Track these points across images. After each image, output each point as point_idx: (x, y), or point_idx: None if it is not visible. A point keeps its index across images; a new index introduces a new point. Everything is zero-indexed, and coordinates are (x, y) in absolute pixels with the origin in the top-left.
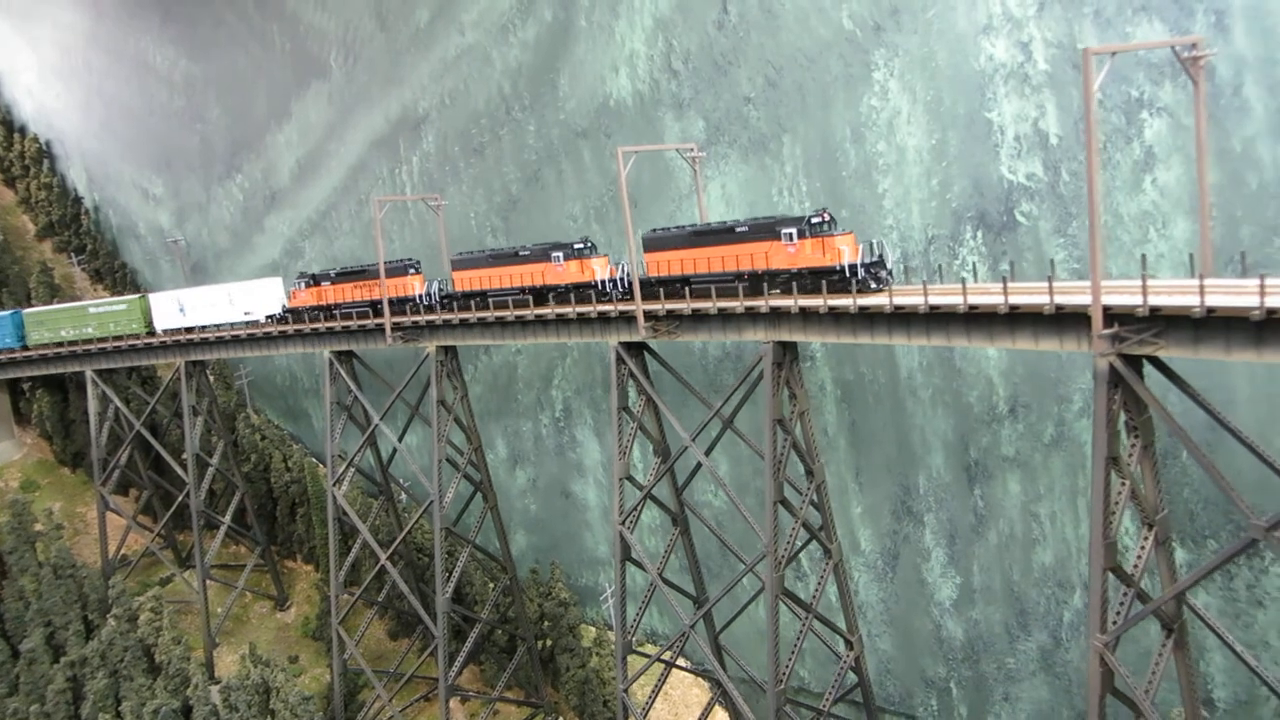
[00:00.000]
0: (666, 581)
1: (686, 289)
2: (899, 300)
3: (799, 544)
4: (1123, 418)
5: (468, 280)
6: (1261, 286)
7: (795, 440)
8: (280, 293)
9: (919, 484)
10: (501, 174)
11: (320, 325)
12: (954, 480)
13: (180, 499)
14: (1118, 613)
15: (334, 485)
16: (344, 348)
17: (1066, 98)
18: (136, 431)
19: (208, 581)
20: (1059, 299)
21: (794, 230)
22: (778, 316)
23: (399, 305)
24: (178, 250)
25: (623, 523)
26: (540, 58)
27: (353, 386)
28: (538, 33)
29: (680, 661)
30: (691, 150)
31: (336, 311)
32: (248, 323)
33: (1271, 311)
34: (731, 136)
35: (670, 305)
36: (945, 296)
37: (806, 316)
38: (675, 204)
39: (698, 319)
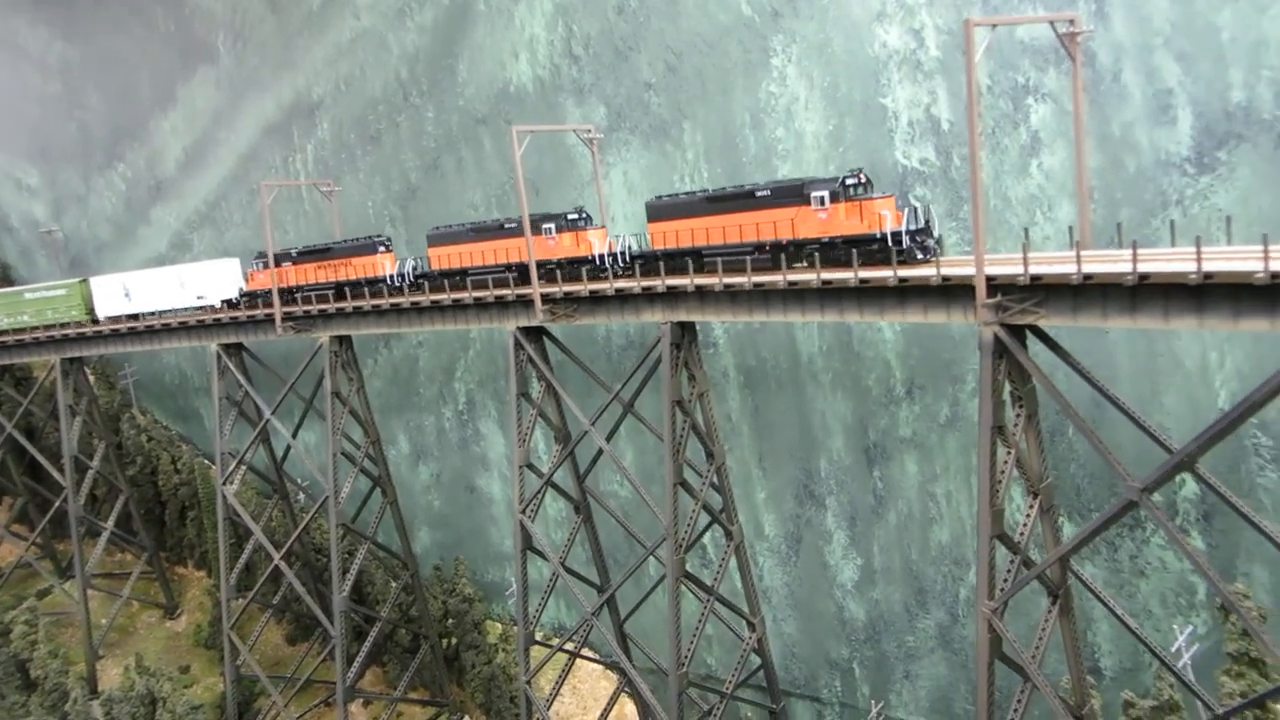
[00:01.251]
0: (570, 571)
1: (689, 262)
2: (792, 277)
3: (700, 527)
4: (1008, 388)
5: (445, 257)
6: (1134, 254)
7: (695, 422)
8: (238, 275)
9: (820, 467)
10: (400, 162)
11: (206, 317)
12: (854, 463)
13: (58, 505)
14: (1005, 580)
15: (224, 484)
16: (232, 340)
17: (957, 84)
18: (8, 434)
19: (90, 591)
20: (945, 271)
21: (825, 193)
22: (675, 297)
23: (370, 287)
24: (53, 242)
25: (523, 511)
26: (438, 42)
27: (242, 381)
28: (435, 17)
29: (587, 653)
30: (589, 132)
31: (299, 295)
32: (196, 308)
33: (1144, 276)
34: (633, 123)
35: (568, 288)
36: (838, 272)
37: (703, 296)
38: (577, 190)
39: (596, 301)
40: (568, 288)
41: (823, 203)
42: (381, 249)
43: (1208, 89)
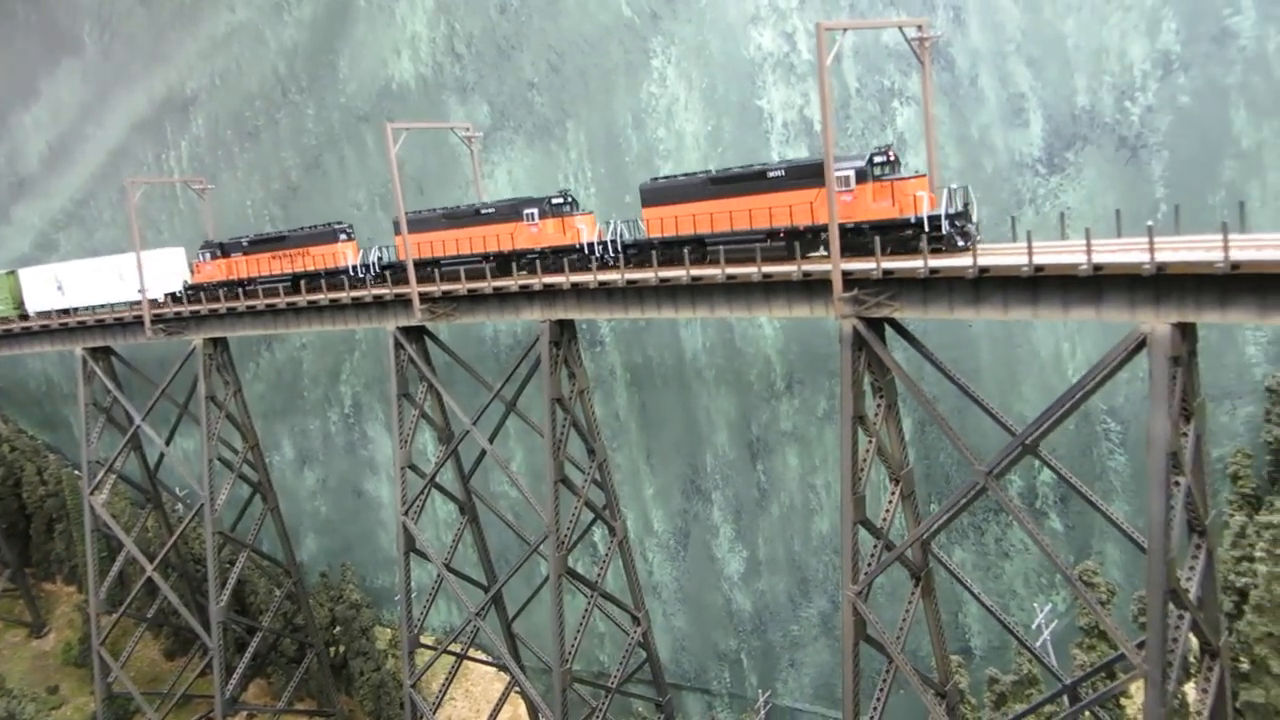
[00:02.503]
0: (456, 572)
1: (683, 252)
2: (663, 274)
3: (583, 524)
4: (869, 380)
5: (414, 246)
6: (974, 250)
7: (576, 420)
8: (183, 266)
9: (706, 462)
10: (280, 159)
11: (70, 320)
12: (738, 457)
13: None
14: (869, 564)
15: (92, 494)
16: (99, 344)
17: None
18: None
19: None
20: (806, 267)
21: (850, 173)
22: (553, 295)
23: (330, 279)
24: None
25: (406, 513)
26: (318, 38)
27: (111, 386)
28: (314, 11)
29: (476, 654)
30: (467, 130)
31: (250, 288)
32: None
33: (984, 270)
34: (516, 121)
35: (446, 286)
36: (707, 269)
37: (580, 294)
38: (462, 189)
39: (475, 300)
40: (446, 286)
41: (847, 184)
42: (343, 237)
43: (1056, 94)
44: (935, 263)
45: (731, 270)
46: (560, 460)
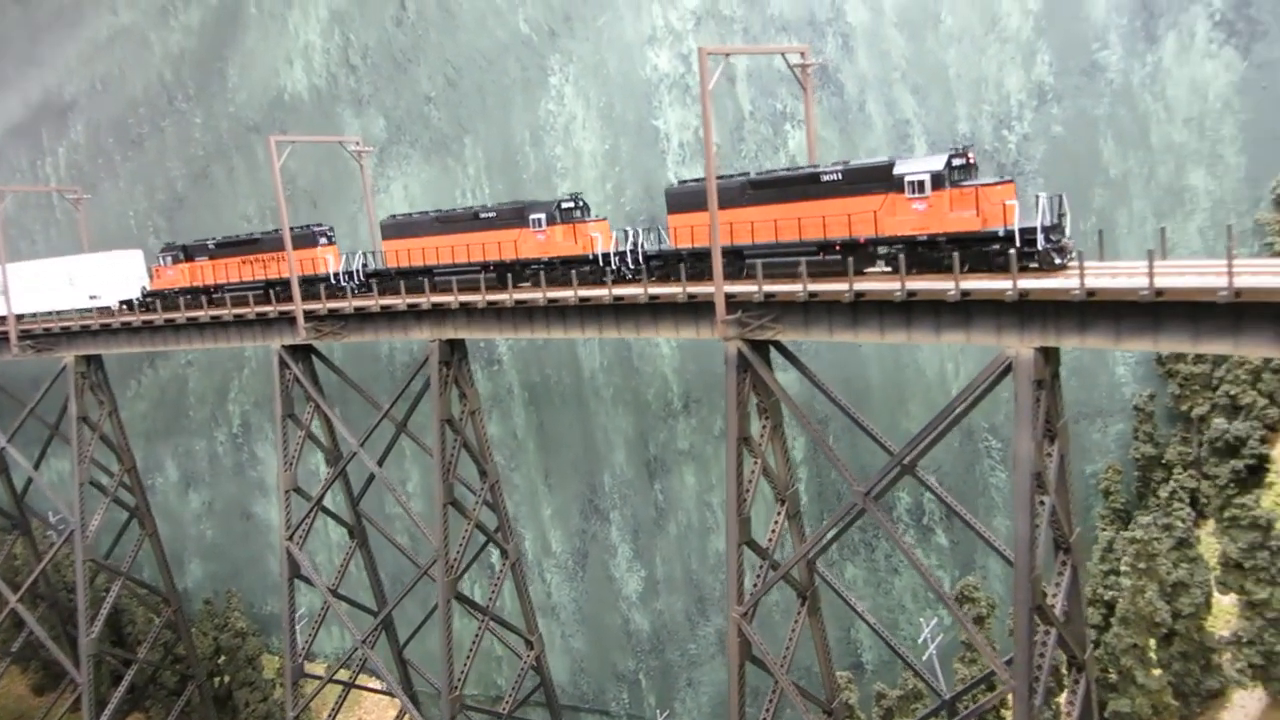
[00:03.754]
0: (343, 598)
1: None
2: (551, 295)
3: (475, 546)
4: (755, 401)
5: (405, 252)
6: (850, 275)
7: (467, 440)
8: (140, 270)
9: (604, 482)
10: (165, 169)
11: None
12: (636, 476)
13: None
14: (755, 584)
15: None
16: None
17: (722, 108)
18: None
19: None
20: (690, 289)
21: (925, 177)
22: (442, 314)
23: (308, 287)
24: None
25: (290, 537)
26: (206, 44)
27: None
28: (202, 17)
29: (369, 682)
30: (356, 144)
31: (217, 296)
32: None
33: (860, 294)
34: (413, 136)
35: (332, 304)
36: (593, 290)
37: (470, 313)
38: (357, 204)
39: (364, 318)
40: (332, 304)
41: (921, 189)
42: (323, 240)
43: (939, 120)
44: (814, 287)
45: (619, 291)
46: (449, 482)
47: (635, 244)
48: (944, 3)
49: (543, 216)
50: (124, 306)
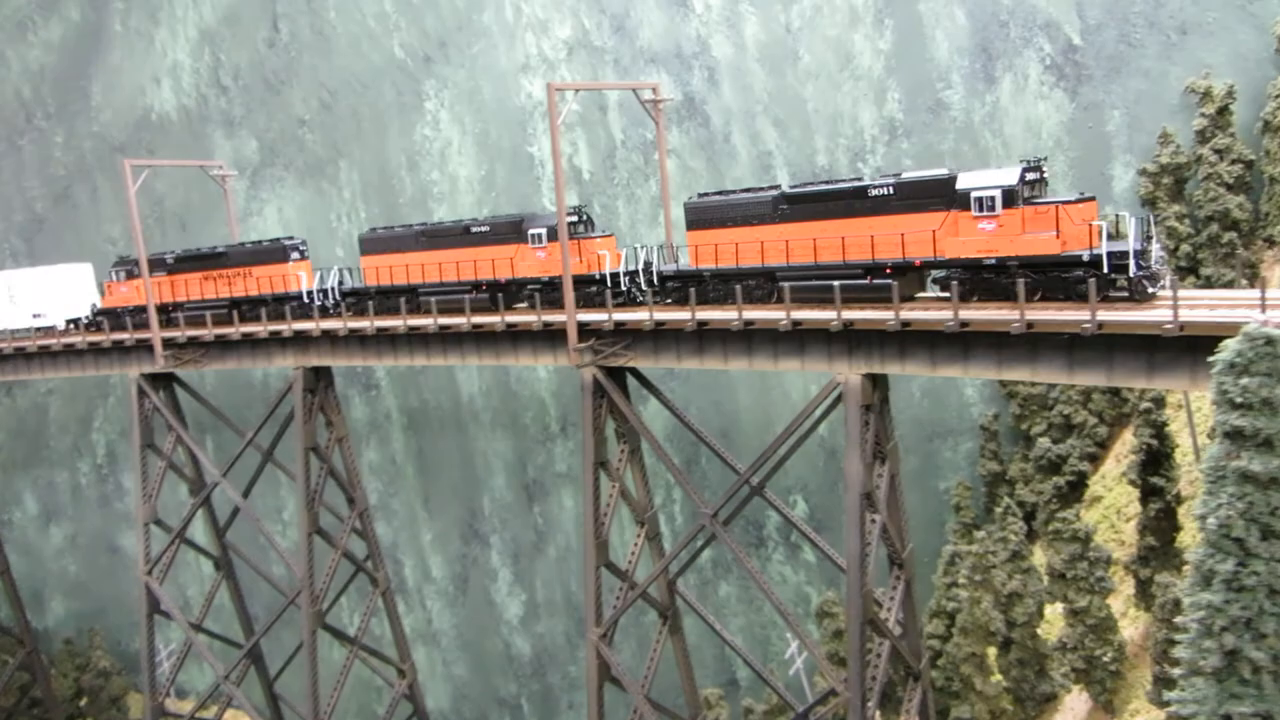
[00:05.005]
0: (207, 632)
1: (739, 288)
2: (411, 322)
3: (344, 575)
4: (614, 425)
5: (386, 270)
6: (692, 304)
7: (334, 468)
8: (91, 286)
9: (484, 506)
10: (22, 189)
11: None
12: (515, 499)
13: None
14: (614, 606)
15: None
16: None
17: (595, 137)
18: None
19: None
20: (545, 317)
21: (994, 194)
22: (305, 341)
23: (278, 305)
24: None
25: (149, 572)
26: (68, 61)
27: None
28: (64, 34)
29: (241, 718)
30: (220, 168)
31: (175, 315)
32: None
33: (703, 324)
34: (287, 158)
35: (192, 332)
36: (454, 318)
37: (334, 340)
38: (232, 226)
39: (225, 346)
40: (191, 332)
41: (990, 206)
42: (295, 256)
43: (799, 152)
44: (660, 315)
45: (478, 320)
46: (314, 511)
47: (646, 262)
48: (802, 40)
49: (544, 231)
50: (72, 326)
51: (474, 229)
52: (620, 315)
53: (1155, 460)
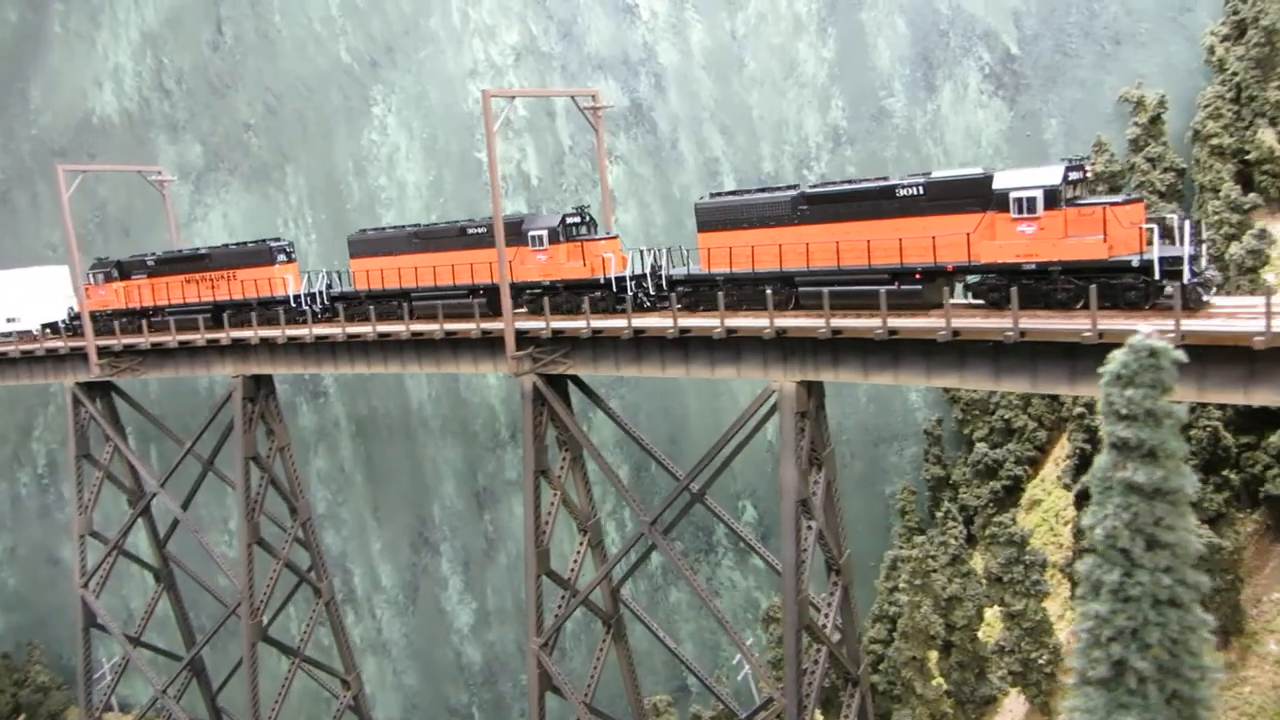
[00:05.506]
0: (147, 645)
1: (762, 293)
2: (351, 330)
3: (290, 585)
4: (555, 433)
5: (377, 273)
6: (630, 312)
7: (275, 477)
8: (68, 289)
9: (434, 514)
10: None
11: None
12: (466, 507)
13: None
14: (556, 615)
15: None
16: None
17: (544, 143)
18: None
19: None
20: (484, 325)
21: (1035, 194)
22: (245, 349)
23: (264, 310)
24: None
25: (85, 585)
26: (6, 64)
27: None
28: (2, 36)
29: None
30: (159, 173)
31: (158, 319)
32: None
33: (639, 331)
34: (232, 163)
35: (128, 340)
36: (391, 326)
37: (274, 348)
38: (172, 233)
39: (163, 354)
40: (127, 340)
41: (1029, 208)
42: (281, 258)
43: (745, 159)
44: (598, 324)
45: (416, 328)
46: (255, 521)
47: (652, 266)
48: (747, 48)
49: (544, 233)
50: (48, 331)
51: (470, 230)
52: (558, 323)
53: (1088, 464)
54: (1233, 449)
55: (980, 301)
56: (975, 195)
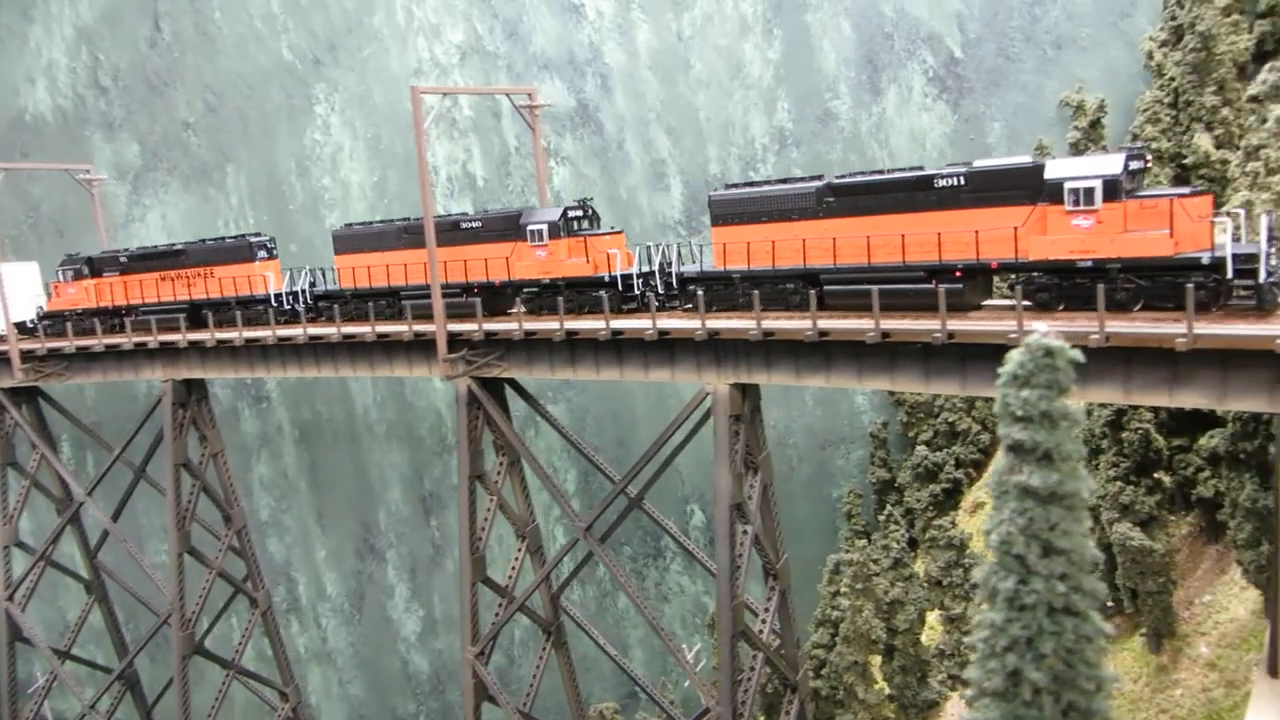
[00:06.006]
0: (76, 659)
1: (784, 292)
2: (281, 332)
3: (227, 595)
4: (492, 438)
5: (364, 270)
6: (561, 315)
7: (208, 485)
8: (38, 286)
9: (380, 520)
10: None
11: None
12: (412, 513)
13: None
14: (494, 623)
15: None
16: None
17: (489, 143)
18: None
19: None
20: (416, 327)
21: (1092, 185)
22: (174, 353)
23: (244, 309)
24: None
25: (10, 597)
26: None
27: None
28: None
29: None
30: (87, 172)
31: (132, 318)
32: None
33: (571, 333)
34: (171, 163)
35: (52, 343)
36: (322, 328)
37: (204, 352)
38: (110, 233)
39: (90, 358)
40: (51, 343)
41: (1086, 200)
42: (262, 255)
43: (691, 160)
44: (530, 325)
45: (348, 330)
46: (186, 530)
47: (661, 263)
48: (693, 49)
49: (544, 228)
50: (15, 329)
51: (464, 225)
52: (491, 325)
53: None
54: (1165, 451)
55: (1029, 303)
56: (1024, 186)
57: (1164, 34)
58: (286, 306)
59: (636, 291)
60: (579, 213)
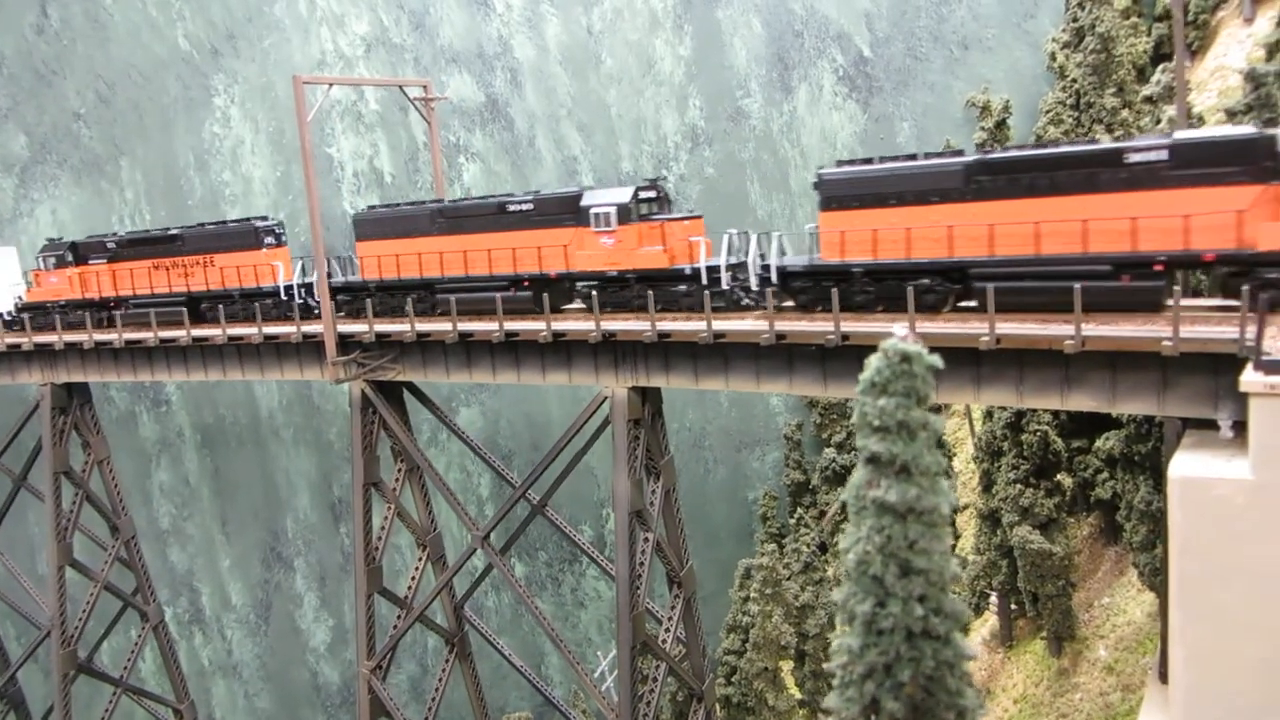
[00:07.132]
0: None
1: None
2: (163, 335)
3: (115, 609)
4: (390, 444)
5: (392, 259)
6: (454, 317)
7: (92, 494)
8: (16, 274)
9: (287, 527)
10: None
11: None
12: (320, 520)
13: None
14: (391, 635)
15: None
16: None
17: (396, 138)
18: None
19: None
20: (306, 328)
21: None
22: (54, 355)
23: (249, 303)
24: None
25: None
26: None
27: None
28: None
29: None
30: None
31: (121, 310)
32: None
33: (465, 335)
34: (61, 155)
35: None
36: (208, 330)
37: (84, 354)
38: None
39: None
40: None
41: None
42: (270, 241)
43: (604, 158)
44: (423, 327)
45: (234, 331)
46: (67, 541)
47: (754, 255)
48: (604, 44)
49: (611, 211)
50: None
51: (512, 207)
52: (382, 326)
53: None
54: (1064, 453)
55: (1235, 302)
56: (1247, 161)
57: (1066, 35)
58: (299, 300)
59: (725, 286)
60: (651, 194)
